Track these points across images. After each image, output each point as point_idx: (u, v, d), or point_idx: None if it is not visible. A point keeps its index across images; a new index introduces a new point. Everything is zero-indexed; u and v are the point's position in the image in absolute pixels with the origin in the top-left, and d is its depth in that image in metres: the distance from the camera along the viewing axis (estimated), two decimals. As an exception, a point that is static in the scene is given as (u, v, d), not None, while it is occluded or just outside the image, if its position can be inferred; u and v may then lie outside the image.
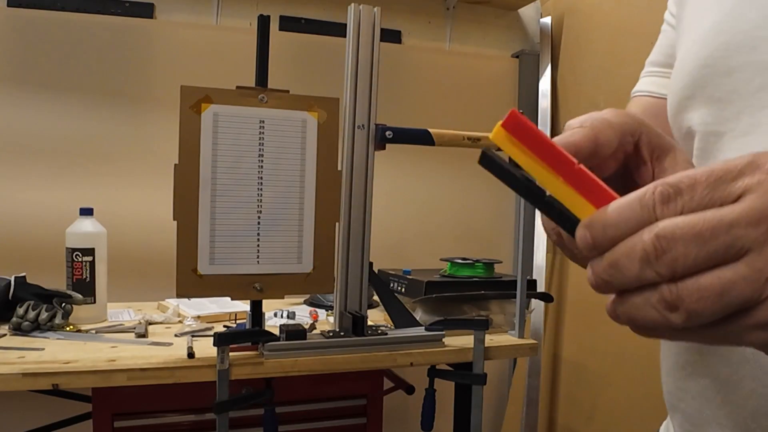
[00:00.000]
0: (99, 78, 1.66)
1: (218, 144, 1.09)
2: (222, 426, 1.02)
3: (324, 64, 1.84)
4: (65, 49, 1.63)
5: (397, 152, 1.34)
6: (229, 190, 1.10)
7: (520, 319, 1.34)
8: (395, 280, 1.51)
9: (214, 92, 1.08)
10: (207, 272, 1.09)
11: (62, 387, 1.00)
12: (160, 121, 1.69)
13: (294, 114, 1.14)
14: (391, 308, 1.27)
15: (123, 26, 1.68)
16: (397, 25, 1.98)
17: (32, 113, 1.61)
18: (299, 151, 1.15)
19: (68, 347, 1.13)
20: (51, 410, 1.47)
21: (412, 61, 1.97)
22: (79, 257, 1.33)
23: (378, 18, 1.23)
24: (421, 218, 1.98)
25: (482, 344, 1.22)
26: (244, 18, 1.81)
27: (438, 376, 1.25)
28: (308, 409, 1.20)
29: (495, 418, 2.08)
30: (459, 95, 1.99)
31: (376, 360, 1.17)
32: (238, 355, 1.09)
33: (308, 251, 1.16)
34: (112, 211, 1.57)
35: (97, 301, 1.36)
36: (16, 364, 1.01)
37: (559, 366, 1.89)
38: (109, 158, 1.67)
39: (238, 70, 1.74)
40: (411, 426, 1.81)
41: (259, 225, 1.12)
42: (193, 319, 1.38)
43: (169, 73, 1.69)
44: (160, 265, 1.64)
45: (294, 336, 1.12)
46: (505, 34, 2.11)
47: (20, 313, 1.22)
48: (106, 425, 1.08)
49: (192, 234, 1.08)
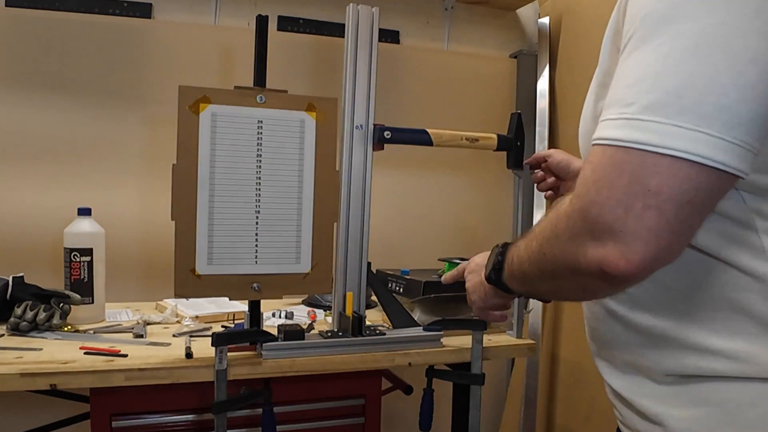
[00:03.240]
0: (97, 78, 1.65)
1: (216, 144, 1.09)
2: (220, 426, 1.02)
3: (322, 64, 1.84)
4: (63, 49, 1.63)
5: (395, 152, 1.34)
6: (227, 190, 1.10)
7: (518, 319, 1.34)
8: (393, 280, 1.51)
9: (213, 92, 1.08)
10: (205, 272, 1.09)
11: (60, 387, 1.00)
12: (158, 121, 1.68)
13: (292, 114, 1.14)
14: (390, 308, 1.27)
15: (121, 26, 1.68)
16: (396, 26, 1.98)
17: (30, 113, 1.60)
18: (297, 151, 1.15)
19: (66, 347, 1.13)
20: (49, 410, 1.47)
21: (410, 61, 1.97)
22: (77, 257, 1.33)
23: (376, 18, 1.23)
24: (419, 218, 1.98)
25: (480, 344, 1.22)
26: (242, 18, 1.81)
27: (436, 376, 1.25)
28: (306, 410, 1.20)
29: (493, 418, 2.08)
30: (457, 95, 1.99)
31: (375, 360, 1.18)
32: (237, 356, 1.09)
33: (306, 251, 1.16)
34: (111, 212, 1.57)
35: (95, 302, 1.36)
36: (14, 364, 1.01)
37: (557, 366, 1.89)
38: (107, 158, 1.67)
39: (237, 70, 1.75)
40: (409, 426, 1.81)
41: (258, 225, 1.12)
42: (191, 319, 1.38)
43: (168, 73, 1.69)
44: (159, 265, 1.64)
45: (292, 336, 1.12)
46: (503, 34, 2.12)
47: (18, 314, 1.21)
48: (104, 425, 1.07)
49: (190, 234, 1.08)
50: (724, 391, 0.63)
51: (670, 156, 0.53)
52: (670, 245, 0.54)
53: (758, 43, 0.52)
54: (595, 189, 0.56)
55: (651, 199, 0.53)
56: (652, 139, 0.53)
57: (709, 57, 0.53)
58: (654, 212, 0.53)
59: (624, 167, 0.54)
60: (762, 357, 0.61)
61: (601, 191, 0.55)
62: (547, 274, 0.67)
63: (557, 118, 1.97)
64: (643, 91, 0.55)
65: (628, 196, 0.54)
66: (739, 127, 0.53)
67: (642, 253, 0.54)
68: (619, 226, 0.54)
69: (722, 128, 0.52)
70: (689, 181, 0.53)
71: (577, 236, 0.58)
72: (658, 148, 0.53)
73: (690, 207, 0.53)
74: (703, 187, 0.53)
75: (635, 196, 0.53)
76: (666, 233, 0.54)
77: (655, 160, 0.53)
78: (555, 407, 1.89)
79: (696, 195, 0.53)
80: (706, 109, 0.52)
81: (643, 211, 0.53)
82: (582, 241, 0.58)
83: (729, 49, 0.52)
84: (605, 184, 0.55)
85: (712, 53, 0.53)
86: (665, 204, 0.53)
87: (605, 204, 0.55)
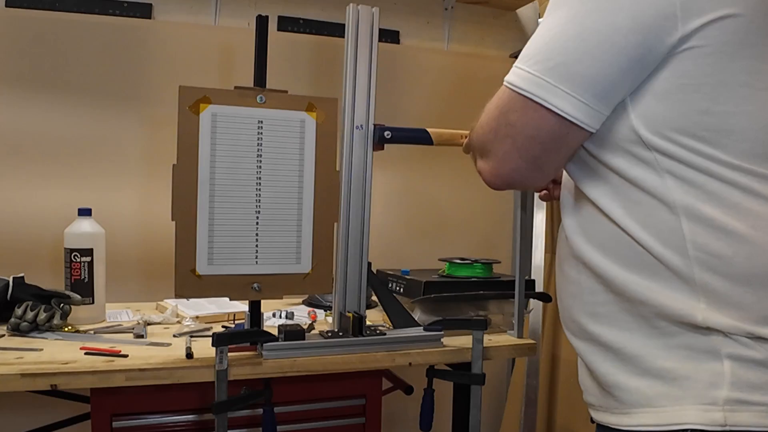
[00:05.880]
0: (97, 78, 1.65)
1: (217, 144, 1.09)
2: (221, 426, 1.02)
3: (322, 65, 1.85)
4: (63, 50, 1.63)
5: (396, 152, 1.34)
6: (227, 191, 1.10)
7: (519, 319, 1.34)
8: (394, 280, 1.51)
9: (213, 92, 1.08)
10: (205, 272, 1.09)
11: (61, 387, 1.00)
12: (158, 121, 1.69)
13: (292, 114, 1.14)
14: (390, 308, 1.27)
15: (121, 26, 1.68)
16: (396, 26, 1.99)
17: (30, 113, 1.60)
18: (298, 152, 1.15)
19: (66, 348, 1.13)
20: (49, 411, 1.47)
21: (410, 61, 1.97)
22: (78, 258, 1.33)
23: (376, 18, 1.23)
24: (419, 218, 1.98)
25: (481, 344, 1.22)
26: (242, 18, 1.81)
27: (437, 376, 1.25)
28: (307, 410, 1.20)
29: (494, 418, 2.08)
30: (457, 95, 1.99)
31: (375, 360, 1.17)
32: (237, 356, 1.09)
33: (307, 251, 1.16)
34: (111, 212, 1.57)
35: (95, 302, 1.36)
36: (15, 364, 1.01)
37: (558, 366, 1.89)
38: (108, 158, 1.67)
39: (237, 71, 1.75)
40: (410, 426, 1.81)
41: (258, 225, 1.12)
42: (191, 319, 1.38)
43: (168, 74, 1.69)
44: (159, 265, 1.64)
45: (292, 336, 1.12)
46: (503, 34, 2.12)
47: (18, 314, 1.21)
48: (104, 426, 1.07)
49: (190, 234, 1.08)
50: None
51: (524, 96, 0.70)
52: (519, 168, 0.74)
53: (605, 18, 0.67)
54: (484, 117, 0.77)
55: (509, 129, 0.73)
56: (519, 83, 0.71)
57: (567, 29, 0.69)
58: (509, 140, 0.73)
59: (500, 103, 0.74)
60: (677, 305, 0.70)
61: (484, 118, 0.77)
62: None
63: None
64: (530, 50, 0.72)
65: (497, 124, 0.74)
66: (580, 84, 0.67)
67: (498, 168, 0.76)
68: (489, 147, 0.76)
69: (562, 81, 0.68)
70: (534, 120, 0.70)
71: (474, 148, 0.82)
72: (519, 89, 0.70)
73: (534, 141, 0.72)
74: (544, 127, 0.70)
75: (500, 126, 0.74)
76: (515, 158, 0.73)
77: (517, 99, 0.71)
78: (556, 407, 1.89)
79: (539, 132, 0.71)
80: (551, 64, 0.68)
81: (503, 137, 0.74)
82: (474, 154, 0.82)
83: (582, 21, 0.68)
84: (488, 115, 0.76)
85: (570, 26, 0.68)
86: (517, 135, 0.72)
87: (484, 128, 0.77)
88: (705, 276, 0.67)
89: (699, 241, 0.67)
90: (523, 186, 0.78)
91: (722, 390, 0.65)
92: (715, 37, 0.65)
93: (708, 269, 0.67)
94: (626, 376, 0.71)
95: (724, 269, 0.66)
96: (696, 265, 0.67)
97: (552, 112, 0.69)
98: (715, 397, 0.65)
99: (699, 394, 0.66)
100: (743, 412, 0.65)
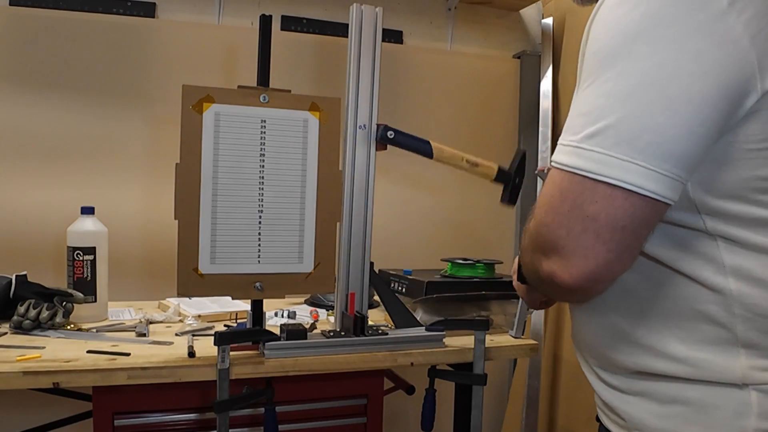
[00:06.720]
0: (101, 77, 1.66)
1: (220, 143, 1.09)
2: (222, 425, 1.02)
3: (325, 64, 1.85)
4: (67, 49, 1.63)
5: (399, 152, 1.34)
6: (230, 190, 1.10)
7: (521, 319, 1.34)
8: (396, 280, 1.51)
9: (216, 92, 1.08)
10: (208, 271, 1.09)
11: (63, 385, 1.00)
12: (161, 121, 1.69)
13: (295, 114, 1.14)
14: (392, 308, 1.27)
15: (125, 25, 1.68)
16: (399, 26, 1.99)
17: (34, 112, 1.61)
18: (300, 151, 1.15)
19: (69, 346, 1.13)
20: (51, 409, 1.47)
21: (413, 61, 1.97)
22: (80, 256, 1.33)
23: (380, 18, 1.23)
24: (421, 218, 1.98)
25: (483, 344, 1.22)
26: (245, 17, 1.81)
27: (438, 376, 1.25)
28: (308, 409, 1.20)
29: (495, 418, 2.08)
30: (460, 96, 1.99)
31: (377, 360, 1.17)
32: (239, 355, 1.09)
33: (309, 251, 1.16)
34: (114, 210, 1.58)
35: (98, 300, 1.36)
36: (17, 362, 1.01)
37: (560, 367, 1.89)
38: (111, 157, 1.67)
39: (240, 70, 1.76)
40: (411, 426, 1.82)
41: (260, 224, 1.12)
42: (193, 318, 1.38)
43: (171, 73, 1.69)
44: (161, 264, 1.64)
45: (294, 336, 1.12)
46: (506, 34, 2.11)
47: (21, 312, 1.22)
48: (106, 424, 1.08)
49: (193, 233, 1.08)
50: (689, 390, 0.67)
51: (605, 183, 0.60)
52: (607, 263, 0.62)
53: (692, 86, 0.58)
54: (544, 212, 0.66)
55: (589, 223, 0.61)
56: (591, 166, 0.61)
57: (647, 96, 0.59)
58: (591, 234, 0.61)
59: (566, 195, 0.63)
60: (718, 363, 0.65)
61: (548, 214, 0.65)
62: (531, 280, 0.76)
63: (560, 119, 1.97)
64: (588, 122, 0.62)
65: (569, 220, 0.62)
66: (671, 160, 0.59)
67: (581, 267, 0.63)
68: (562, 244, 0.63)
69: (654, 161, 0.59)
70: (624, 210, 0.60)
71: (534, 251, 0.68)
72: (596, 175, 0.60)
73: (624, 231, 0.61)
74: (637, 214, 0.61)
75: (575, 221, 0.62)
76: (602, 252, 0.62)
77: (594, 186, 0.61)
78: (557, 408, 1.89)
79: (630, 221, 0.61)
80: (641, 144, 0.59)
81: (582, 233, 0.62)
82: (537, 256, 0.68)
83: (666, 89, 0.59)
84: (551, 209, 0.64)
85: (650, 93, 0.59)
86: (602, 228, 0.61)
87: (550, 226, 0.64)
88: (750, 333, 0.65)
89: (747, 301, 0.65)
90: (610, 280, 0.66)
91: (750, 419, 0.64)
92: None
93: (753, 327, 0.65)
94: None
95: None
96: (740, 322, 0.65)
97: (646, 198, 0.60)
98: (744, 427, 0.64)
99: (727, 423, 0.65)
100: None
